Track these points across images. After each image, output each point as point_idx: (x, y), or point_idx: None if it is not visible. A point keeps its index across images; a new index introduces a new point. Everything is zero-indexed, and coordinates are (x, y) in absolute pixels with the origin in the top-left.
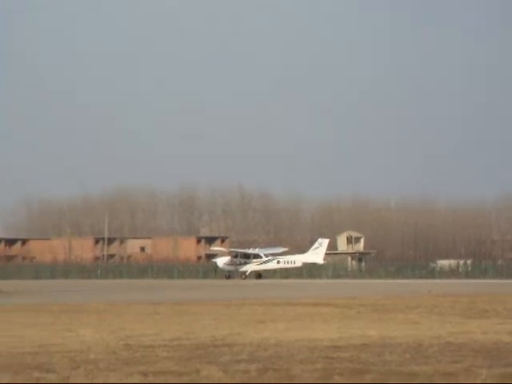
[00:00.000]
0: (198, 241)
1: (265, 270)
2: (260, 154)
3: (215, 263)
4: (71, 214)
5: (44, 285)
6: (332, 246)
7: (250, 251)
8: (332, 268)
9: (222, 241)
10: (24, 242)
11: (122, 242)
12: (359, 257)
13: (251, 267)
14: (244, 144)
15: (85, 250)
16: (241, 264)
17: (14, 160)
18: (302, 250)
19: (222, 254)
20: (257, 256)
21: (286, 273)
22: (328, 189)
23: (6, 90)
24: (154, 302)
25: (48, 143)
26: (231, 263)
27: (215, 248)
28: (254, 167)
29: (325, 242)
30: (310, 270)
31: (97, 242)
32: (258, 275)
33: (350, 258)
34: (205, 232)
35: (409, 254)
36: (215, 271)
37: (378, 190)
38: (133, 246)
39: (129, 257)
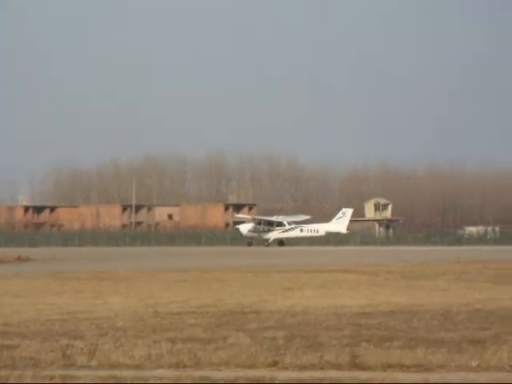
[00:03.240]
0: (226, 208)
1: (287, 238)
2: (288, 121)
3: (238, 230)
4: (99, 181)
5: (72, 252)
6: (360, 213)
7: (274, 219)
8: (359, 235)
9: (250, 208)
10: (52, 209)
11: (149, 209)
12: (387, 224)
13: (274, 235)
14: (272, 111)
15: (113, 217)
16: (264, 231)
17: (41, 128)
18: (330, 218)
19: (248, 221)
20: (280, 224)
21: (312, 240)
22: (356, 156)
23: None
24: (181, 269)
25: (75, 111)
26: (254, 230)
27: (239, 215)
28: (282, 135)
29: (348, 211)
30: (337, 237)
31: (124, 209)
32: (281, 242)
33: (377, 225)
34: (233, 199)
35: (437, 220)
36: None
37: (405, 156)
38: (160, 213)
39: (157, 224)
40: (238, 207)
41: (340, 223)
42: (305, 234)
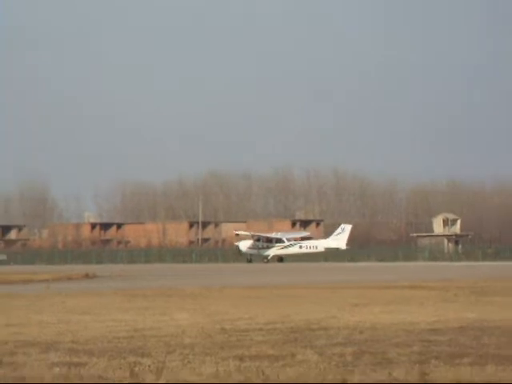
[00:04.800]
0: (293, 224)
1: (287, 255)
2: (354, 137)
3: (237, 247)
4: (166, 198)
5: (139, 269)
6: (428, 228)
7: (273, 235)
8: (428, 250)
9: (317, 224)
10: (119, 226)
11: (216, 225)
12: (456, 239)
13: (273, 251)
14: (338, 127)
15: (179, 233)
16: (263, 248)
17: (108, 144)
18: (398, 234)
19: (247, 238)
20: (279, 240)
21: (381, 256)
22: (423, 171)
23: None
24: (248, 285)
25: (144, 129)
26: (253, 247)
27: (239, 232)
28: (348, 150)
29: (347, 227)
30: (405, 252)
31: (191, 225)
32: (280, 259)
33: (446, 241)
34: (300, 215)
35: (507, 236)
36: (239, 254)
37: (473, 171)
38: (227, 229)
39: (223, 240)
40: (305, 223)
41: (339, 239)
42: (304, 250)
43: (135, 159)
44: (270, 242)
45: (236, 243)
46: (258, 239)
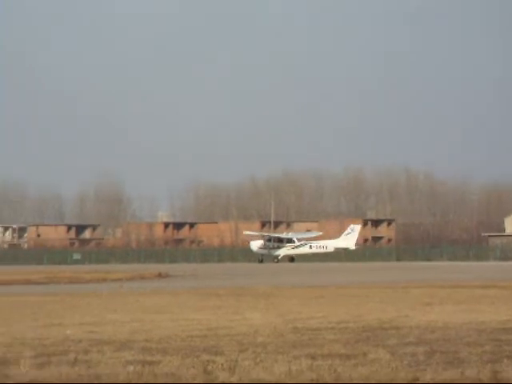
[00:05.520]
0: (365, 223)
1: (297, 255)
2: (425, 136)
3: (249, 246)
4: (238, 197)
5: (211, 268)
6: (500, 227)
7: (284, 235)
8: (500, 250)
9: (389, 223)
10: (192, 225)
11: (288, 225)
12: None
13: (284, 251)
14: (408, 127)
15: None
16: (274, 248)
17: (181, 145)
18: (469, 233)
19: (258, 238)
20: (290, 240)
21: (453, 256)
22: (495, 170)
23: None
24: (319, 285)
25: (218, 129)
26: (264, 247)
27: (248, 232)
28: (419, 149)
29: (357, 227)
30: (477, 252)
31: (263, 225)
32: (291, 259)
33: None
34: (371, 214)
35: None
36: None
37: None
38: (299, 229)
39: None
40: (377, 223)
41: (349, 239)
42: (314, 250)
43: (209, 160)
44: (281, 241)
45: (248, 243)
46: (269, 239)
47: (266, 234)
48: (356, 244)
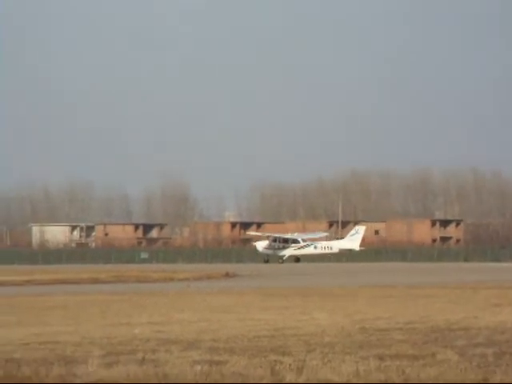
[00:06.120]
0: (433, 224)
1: (302, 255)
2: (492, 136)
3: (255, 247)
4: (305, 197)
5: (278, 268)
6: None
7: (289, 236)
8: None
9: (457, 224)
10: (259, 225)
11: (355, 225)
12: None
13: (289, 252)
14: (474, 127)
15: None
16: (279, 248)
17: (246, 145)
18: None
19: (263, 239)
20: (295, 241)
21: None
22: None
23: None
24: (387, 285)
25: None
26: (270, 247)
27: (251, 233)
28: (487, 148)
29: (361, 229)
30: None
31: (331, 225)
32: (297, 259)
33: None
34: (439, 215)
35: None
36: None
37: None
38: (367, 228)
39: (363, 240)
40: (445, 223)
41: (353, 240)
42: (319, 250)
43: (275, 159)
44: (286, 242)
45: (253, 243)
46: (275, 240)
47: (271, 234)
48: (360, 245)
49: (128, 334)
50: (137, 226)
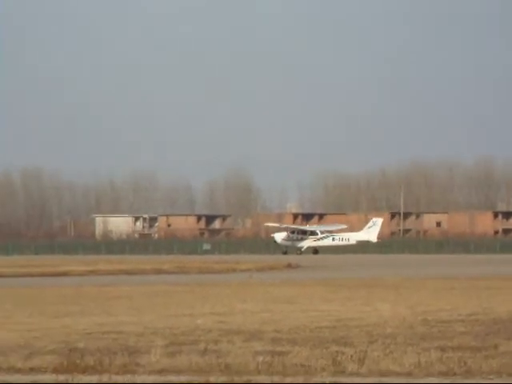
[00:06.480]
0: (495, 215)
1: (320, 247)
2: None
3: (273, 238)
4: (368, 188)
5: (340, 260)
6: None
7: (307, 228)
8: None
9: None
10: (321, 216)
11: (417, 216)
12: None
13: (307, 243)
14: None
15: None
16: (297, 240)
17: (307, 138)
18: None
19: (282, 230)
20: (313, 233)
21: None
22: None
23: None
24: (449, 277)
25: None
26: (288, 239)
27: (269, 224)
28: None
29: (379, 221)
30: None
31: (393, 216)
32: (315, 251)
33: None
34: (502, 206)
35: None
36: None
37: None
38: (429, 220)
39: (425, 232)
40: (508, 215)
41: (370, 232)
42: (336, 242)
43: (339, 149)
44: (305, 233)
45: (272, 235)
46: (293, 231)
47: (290, 226)
48: (378, 237)
49: (190, 325)
50: (199, 217)
